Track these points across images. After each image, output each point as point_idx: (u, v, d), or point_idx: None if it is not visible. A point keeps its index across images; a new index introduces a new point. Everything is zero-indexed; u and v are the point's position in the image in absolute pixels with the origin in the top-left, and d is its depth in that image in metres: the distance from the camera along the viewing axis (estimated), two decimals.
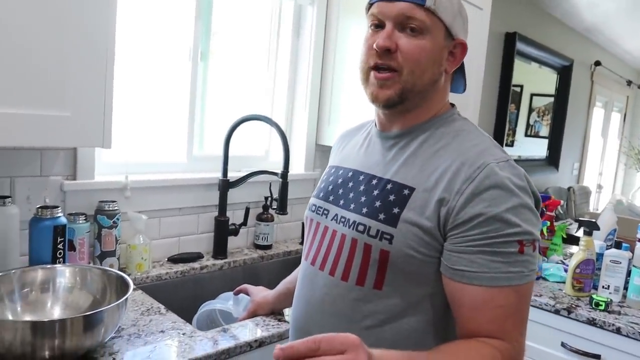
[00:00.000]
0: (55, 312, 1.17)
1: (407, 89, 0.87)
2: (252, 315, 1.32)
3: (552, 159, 4.19)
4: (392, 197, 0.87)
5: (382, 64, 0.87)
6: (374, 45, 0.86)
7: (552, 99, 4.08)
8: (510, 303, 0.81)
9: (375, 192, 0.90)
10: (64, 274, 1.22)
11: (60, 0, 1.08)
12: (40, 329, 0.95)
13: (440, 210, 0.82)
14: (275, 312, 1.33)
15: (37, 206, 1.33)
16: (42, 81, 1.09)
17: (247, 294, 1.38)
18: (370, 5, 0.90)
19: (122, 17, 1.30)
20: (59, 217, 1.32)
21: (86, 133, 1.18)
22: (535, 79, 3.82)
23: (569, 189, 4.29)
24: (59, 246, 1.31)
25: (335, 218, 0.95)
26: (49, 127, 1.12)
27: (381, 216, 0.87)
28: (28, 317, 1.13)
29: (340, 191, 0.97)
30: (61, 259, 1.32)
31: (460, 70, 0.97)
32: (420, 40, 0.85)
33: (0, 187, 1.33)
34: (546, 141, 4.13)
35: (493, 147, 0.88)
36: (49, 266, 1.22)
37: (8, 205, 1.27)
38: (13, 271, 1.16)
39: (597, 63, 4.74)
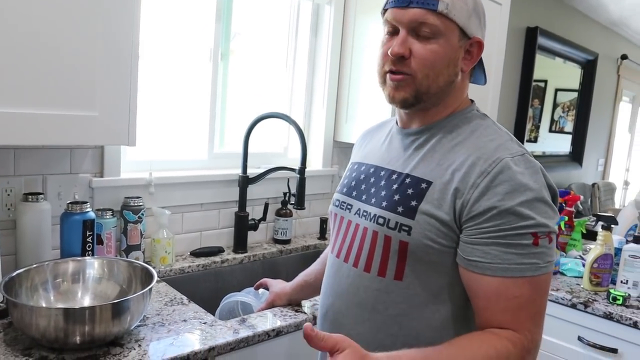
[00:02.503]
0: (85, 301, 1.24)
1: (422, 92, 0.90)
2: (271, 305, 1.37)
3: (576, 155, 4.14)
4: (410, 191, 0.90)
5: (396, 70, 0.90)
6: (388, 52, 0.89)
7: (576, 94, 4.03)
8: (524, 294, 0.82)
9: (395, 187, 0.93)
10: (93, 265, 1.29)
11: (87, 5, 1.15)
12: (72, 315, 1.02)
13: (456, 203, 0.85)
14: (292, 303, 1.38)
15: (68, 202, 1.40)
16: (73, 83, 1.16)
17: (266, 286, 1.44)
18: (385, 10, 0.92)
19: (145, 20, 1.36)
20: (88, 212, 1.40)
21: (113, 132, 1.24)
22: (559, 74, 3.77)
23: (593, 185, 4.23)
24: (87, 240, 1.38)
25: (358, 212, 0.99)
26: (79, 127, 1.18)
27: (400, 209, 0.90)
28: (60, 305, 1.20)
29: (363, 186, 1.01)
30: (90, 252, 1.39)
31: (479, 64, 0.98)
32: (434, 45, 0.87)
33: (34, 184, 1.41)
34: (570, 137, 4.07)
35: (509, 141, 0.90)
36: (79, 258, 1.30)
37: (41, 201, 1.35)
38: (46, 263, 1.24)
39: (624, 57, 4.64)
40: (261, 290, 1.45)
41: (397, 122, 1.03)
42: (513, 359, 0.81)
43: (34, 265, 1.21)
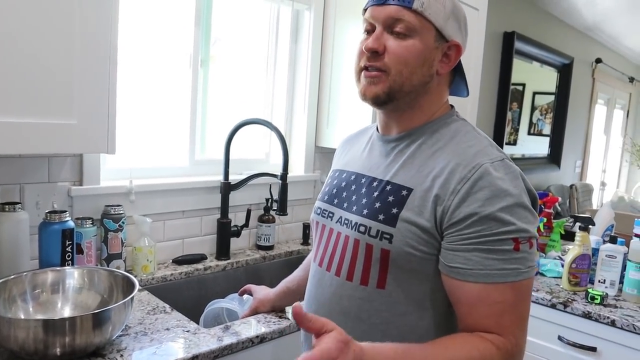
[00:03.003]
0: (65, 312, 1.22)
1: (395, 89, 0.90)
2: (254, 312, 1.37)
3: (554, 157, 4.21)
4: (391, 198, 0.90)
5: (370, 66, 0.91)
6: (363, 48, 0.91)
7: (554, 97, 4.10)
8: (507, 299, 0.83)
9: (376, 194, 0.93)
10: (73, 275, 1.27)
11: (63, 10, 1.14)
12: (52, 326, 1.00)
13: (437, 210, 0.85)
14: (276, 309, 1.38)
15: (46, 211, 1.38)
16: (50, 91, 1.15)
17: (250, 293, 1.43)
18: (365, 10, 0.94)
19: (123, 26, 1.35)
20: (67, 221, 1.38)
21: (91, 140, 1.23)
22: (537, 78, 3.84)
23: (571, 186, 4.31)
24: (67, 249, 1.36)
25: (339, 220, 0.99)
26: (57, 135, 1.17)
27: (381, 217, 0.90)
28: (40, 317, 1.17)
29: (344, 194, 1.00)
30: (70, 262, 1.37)
31: (461, 76, 0.99)
32: (408, 42, 0.88)
33: (11, 193, 1.39)
34: (548, 139, 4.15)
35: (489, 146, 0.90)
36: (58, 268, 1.27)
37: (18, 211, 1.32)
38: (25, 274, 1.21)
39: (598, 60, 4.75)
40: (245, 297, 1.44)
41: (377, 129, 1.03)
42: None
43: (12, 276, 1.18)
